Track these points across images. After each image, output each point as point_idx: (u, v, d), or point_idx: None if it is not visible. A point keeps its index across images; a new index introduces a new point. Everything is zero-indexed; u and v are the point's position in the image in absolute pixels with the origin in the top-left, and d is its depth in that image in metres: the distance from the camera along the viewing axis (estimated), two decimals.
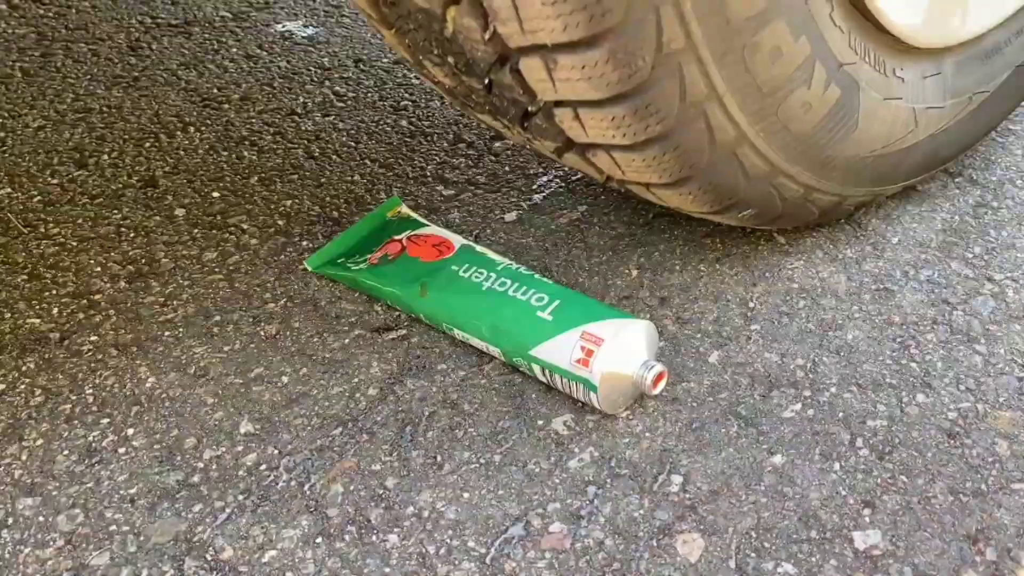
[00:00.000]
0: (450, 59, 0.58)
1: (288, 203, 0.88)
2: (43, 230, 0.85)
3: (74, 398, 0.68)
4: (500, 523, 0.58)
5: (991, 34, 0.77)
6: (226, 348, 0.72)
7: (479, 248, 0.74)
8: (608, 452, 0.62)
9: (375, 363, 0.70)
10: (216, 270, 0.80)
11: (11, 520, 0.59)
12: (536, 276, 0.69)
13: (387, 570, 0.55)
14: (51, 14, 1.28)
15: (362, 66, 1.13)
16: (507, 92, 0.58)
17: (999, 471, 0.59)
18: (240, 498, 0.60)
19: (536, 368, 0.64)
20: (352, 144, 0.97)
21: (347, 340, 0.72)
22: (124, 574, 0.56)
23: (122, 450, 0.64)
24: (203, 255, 0.82)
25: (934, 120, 0.75)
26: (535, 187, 0.89)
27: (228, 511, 0.59)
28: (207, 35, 1.22)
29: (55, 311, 0.76)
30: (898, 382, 0.66)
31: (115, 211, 0.88)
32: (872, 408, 0.64)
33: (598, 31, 0.51)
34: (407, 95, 1.06)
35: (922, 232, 0.80)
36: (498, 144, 0.96)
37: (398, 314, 0.74)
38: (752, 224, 0.73)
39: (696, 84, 0.56)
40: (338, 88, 1.09)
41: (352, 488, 0.60)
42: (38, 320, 0.75)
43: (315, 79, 1.11)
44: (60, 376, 0.70)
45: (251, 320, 0.74)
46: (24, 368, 0.70)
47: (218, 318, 0.75)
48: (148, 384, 0.69)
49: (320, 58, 1.15)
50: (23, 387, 0.69)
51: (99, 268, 0.80)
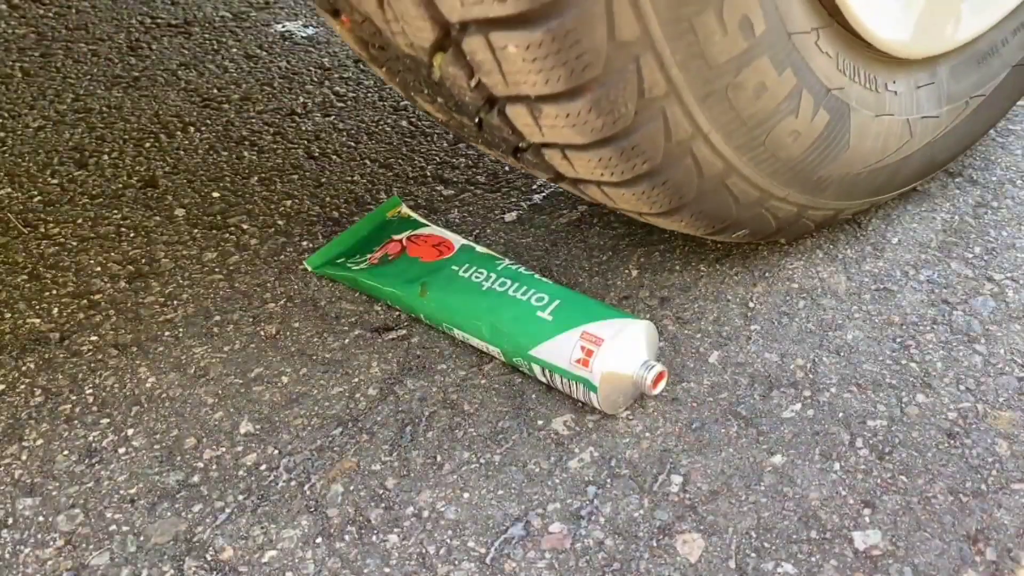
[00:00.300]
0: (440, 99, 0.58)
1: (288, 203, 0.88)
2: (43, 230, 0.85)
3: (74, 398, 0.68)
4: (500, 523, 0.58)
5: (987, 35, 0.75)
6: (226, 348, 0.72)
7: (479, 248, 0.74)
8: (608, 452, 0.62)
9: (375, 363, 0.70)
10: (216, 270, 0.80)
11: (11, 520, 0.59)
12: (536, 276, 0.69)
13: (387, 570, 0.55)
14: (51, 14, 1.28)
15: (362, 66, 1.13)
16: (497, 132, 0.58)
17: (999, 471, 0.59)
18: (240, 498, 0.60)
19: (536, 368, 0.64)
20: (352, 144, 0.97)
21: (347, 340, 0.72)
22: (124, 574, 0.56)
23: (122, 450, 0.64)
24: (203, 255, 0.82)
25: (930, 128, 0.74)
26: (535, 187, 0.89)
27: (228, 511, 0.59)
28: (207, 35, 1.22)
29: (55, 311, 0.76)
30: (898, 382, 0.66)
31: (115, 211, 0.88)
32: (872, 408, 0.64)
33: (579, 83, 0.51)
34: None
35: (922, 232, 0.80)
36: None
37: (398, 314, 0.74)
38: (749, 240, 0.72)
39: (680, 125, 0.56)
40: (338, 88, 1.08)
41: (352, 488, 0.60)
42: (38, 320, 0.75)
43: (315, 79, 1.11)
44: (60, 376, 0.70)
45: (251, 320, 0.74)
46: (24, 368, 0.70)
47: (218, 318, 0.75)
48: (148, 384, 0.69)
49: (320, 58, 1.15)
50: (23, 387, 0.69)
51: (99, 268, 0.80)
